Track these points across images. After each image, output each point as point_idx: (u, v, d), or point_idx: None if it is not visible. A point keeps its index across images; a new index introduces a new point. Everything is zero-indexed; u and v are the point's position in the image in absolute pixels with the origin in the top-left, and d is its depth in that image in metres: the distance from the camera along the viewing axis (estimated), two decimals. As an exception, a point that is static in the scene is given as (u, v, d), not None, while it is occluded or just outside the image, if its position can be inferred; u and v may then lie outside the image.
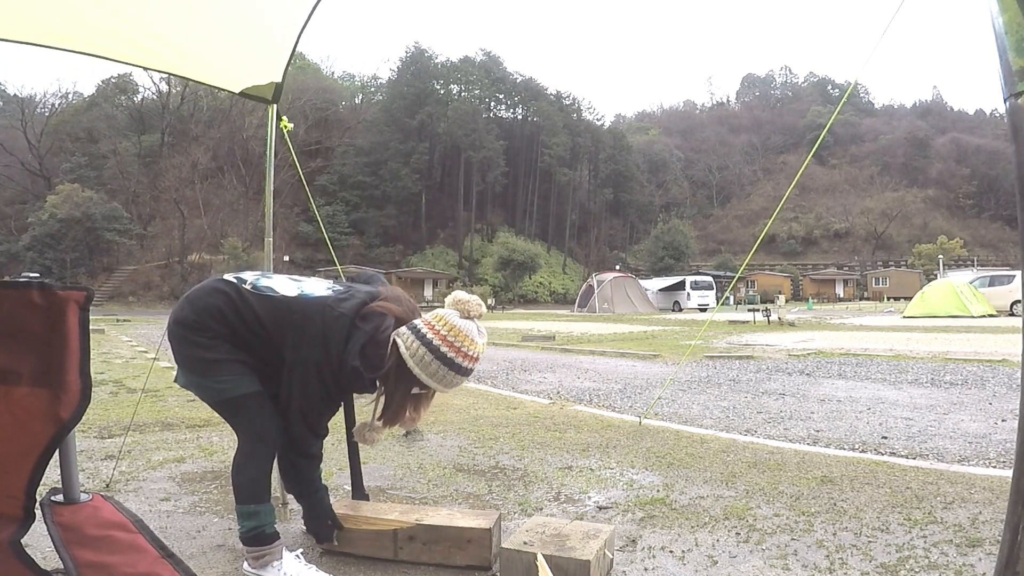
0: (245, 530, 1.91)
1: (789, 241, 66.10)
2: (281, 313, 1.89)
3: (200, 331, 1.86)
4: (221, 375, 1.86)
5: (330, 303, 1.89)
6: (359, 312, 1.89)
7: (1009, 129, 1.15)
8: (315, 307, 1.89)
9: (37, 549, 1.72)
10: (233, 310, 1.89)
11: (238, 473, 1.93)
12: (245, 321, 1.88)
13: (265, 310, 1.89)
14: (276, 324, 1.88)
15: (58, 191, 39.82)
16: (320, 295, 1.93)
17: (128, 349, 11.58)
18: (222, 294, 1.91)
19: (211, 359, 1.85)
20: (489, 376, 7.70)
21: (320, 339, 1.83)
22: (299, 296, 1.93)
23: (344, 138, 57.63)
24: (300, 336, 1.86)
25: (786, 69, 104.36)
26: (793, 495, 2.75)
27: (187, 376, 1.93)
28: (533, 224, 62.83)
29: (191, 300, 1.93)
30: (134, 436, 3.99)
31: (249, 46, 2.56)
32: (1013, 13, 1.12)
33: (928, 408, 4.97)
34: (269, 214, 2.95)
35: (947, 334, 12.42)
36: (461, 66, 63.64)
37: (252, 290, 1.92)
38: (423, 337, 1.85)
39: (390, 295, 2.00)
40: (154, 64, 2.46)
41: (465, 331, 1.86)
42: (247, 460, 1.92)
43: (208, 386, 1.89)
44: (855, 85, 56.50)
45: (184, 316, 1.89)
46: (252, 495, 1.91)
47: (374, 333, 1.85)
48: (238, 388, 1.87)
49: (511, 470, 3.23)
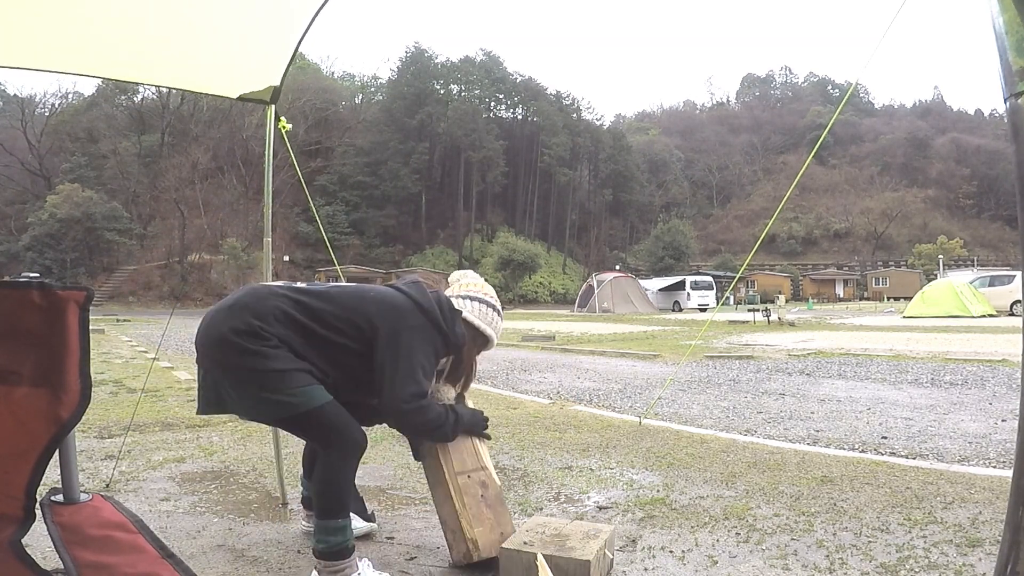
0: (328, 546, 1.79)
1: (789, 241, 66.08)
2: (353, 297, 1.92)
3: (263, 339, 1.74)
4: (294, 386, 1.74)
5: (393, 284, 2.04)
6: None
7: (1009, 129, 1.15)
8: (385, 288, 2.01)
9: (37, 549, 1.72)
10: (298, 308, 1.82)
11: (329, 486, 1.82)
12: (312, 318, 1.82)
13: (333, 300, 1.89)
14: (350, 310, 1.88)
15: (58, 191, 39.80)
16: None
17: (128, 349, 11.58)
18: (279, 296, 1.84)
19: (281, 369, 1.73)
20: (489, 376, 7.70)
21: (420, 305, 1.93)
22: (361, 284, 2.07)
23: (344, 138, 57.61)
24: (392, 308, 1.91)
25: (786, 69, 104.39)
26: (793, 495, 2.75)
27: (245, 392, 1.76)
28: (533, 224, 62.81)
29: (245, 307, 1.79)
30: (134, 436, 3.99)
31: (248, 54, 2.55)
32: (1013, 13, 1.12)
33: (928, 408, 4.97)
34: (268, 214, 2.96)
35: (947, 334, 12.42)
36: (461, 66, 63.61)
37: (310, 286, 1.94)
38: (476, 298, 2.11)
39: (422, 278, 2.14)
40: (151, 79, 2.46)
41: (487, 286, 2.19)
42: (337, 472, 1.83)
43: (279, 400, 1.74)
44: (855, 85, 56.48)
45: (243, 324, 1.74)
46: (341, 509, 1.82)
47: (449, 301, 2.05)
48: (315, 399, 1.77)
49: (511, 470, 3.23)
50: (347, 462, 1.85)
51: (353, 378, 1.93)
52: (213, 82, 2.73)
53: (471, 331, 2.07)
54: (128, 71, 2.33)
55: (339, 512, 1.81)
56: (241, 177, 49.00)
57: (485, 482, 2.08)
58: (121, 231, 41.80)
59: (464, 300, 2.09)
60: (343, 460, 1.84)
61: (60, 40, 2.15)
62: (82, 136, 49.21)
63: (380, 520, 2.43)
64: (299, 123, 46.73)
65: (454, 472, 2.04)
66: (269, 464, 3.24)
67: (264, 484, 3.01)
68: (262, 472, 3.21)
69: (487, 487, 2.08)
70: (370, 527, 2.31)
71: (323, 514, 1.81)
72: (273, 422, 1.92)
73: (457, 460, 2.06)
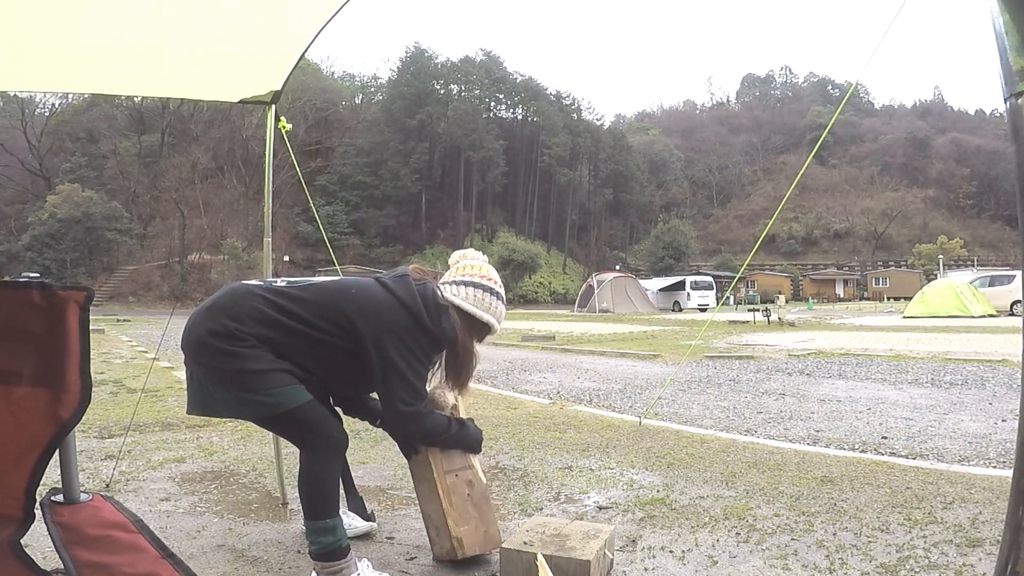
0: (321, 547, 1.79)
1: (789, 241, 66.05)
2: (333, 295, 1.85)
3: (239, 339, 1.73)
4: (271, 387, 1.73)
5: (378, 278, 1.93)
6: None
7: (1009, 129, 1.15)
8: (369, 281, 1.92)
9: (37, 549, 1.72)
10: (275, 308, 1.79)
11: (311, 487, 1.81)
12: (289, 317, 1.79)
13: (312, 298, 1.84)
14: (329, 308, 1.82)
15: (58, 191, 39.79)
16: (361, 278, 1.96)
17: (128, 349, 11.58)
18: (256, 296, 1.80)
19: (257, 370, 1.72)
20: (489, 376, 7.70)
21: (403, 303, 1.84)
22: (344, 278, 1.95)
23: (344, 138, 57.61)
24: (373, 308, 1.82)
25: (786, 69, 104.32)
26: (793, 495, 2.75)
27: (226, 392, 1.76)
28: (533, 224, 62.81)
29: (222, 308, 1.78)
30: (134, 436, 3.99)
31: (250, 61, 2.53)
32: (1013, 13, 1.12)
33: (928, 408, 4.97)
34: (268, 214, 2.96)
35: (947, 334, 12.41)
36: (461, 66, 63.60)
37: (288, 286, 1.88)
38: (468, 283, 1.98)
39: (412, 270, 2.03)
40: (153, 92, 2.46)
41: (486, 267, 2.04)
42: (319, 472, 1.82)
43: (257, 401, 1.74)
44: (855, 85, 56.47)
45: (218, 326, 1.74)
46: (328, 509, 1.80)
47: (435, 295, 1.92)
48: (292, 399, 1.76)
49: (511, 470, 3.23)
50: (328, 462, 1.84)
51: (340, 374, 1.91)
52: (214, 89, 2.72)
53: (467, 320, 1.95)
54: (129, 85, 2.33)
55: (326, 512, 1.80)
56: (241, 177, 48.99)
57: (472, 481, 2.09)
58: (121, 231, 41.79)
59: (458, 287, 1.97)
60: (324, 460, 1.83)
61: (58, 59, 2.15)
62: (82, 136, 49.20)
63: (380, 520, 2.43)
64: (299, 123, 46.69)
65: (443, 471, 2.04)
66: (269, 464, 3.24)
67: (264, 484, 3.00)
68: (262, 472, 3.21)
69: (473, 486, 2.08)
70: (370, 527, 2.31)
71: (311, 515, 1.80)
72: (255, 421, 1.90)
73: (446, 458, 2.06)
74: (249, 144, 47.83)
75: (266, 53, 2.51)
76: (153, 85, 2.50)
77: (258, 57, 2.52)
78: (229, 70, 2.56)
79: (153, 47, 2.25)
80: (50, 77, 2.23)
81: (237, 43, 2.38)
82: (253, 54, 2.49)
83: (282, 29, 2.33)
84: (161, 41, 2.24)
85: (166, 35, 2.21)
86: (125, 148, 48.72)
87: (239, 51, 2.44)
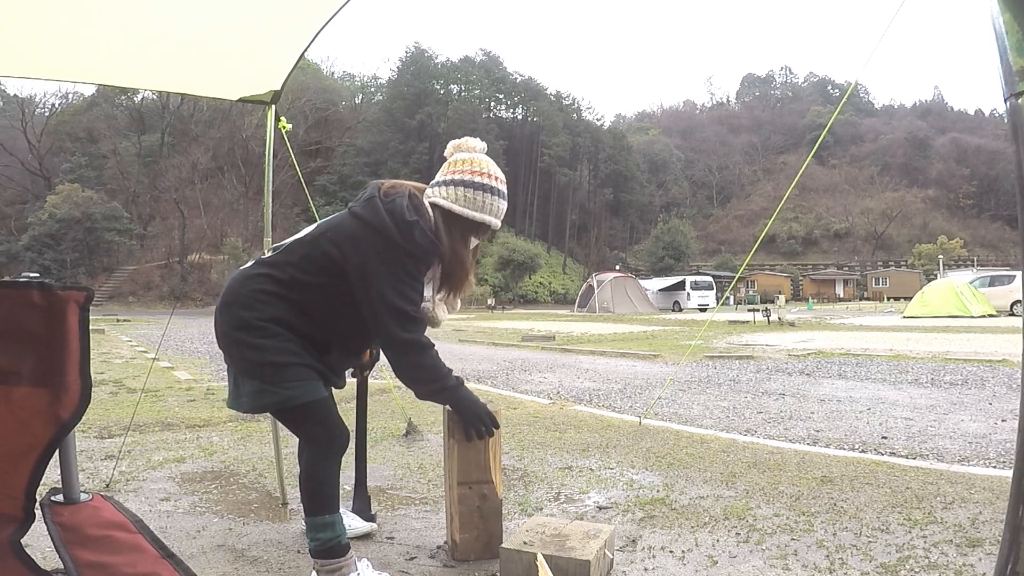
0: (320, 543, 1.80)
1: (789, 241, 66.09)
2: (313, 242, 1.84)
3: (259, 330, 1.78)
4: (290, 380, 1.77)
5: (349, 208, 1.87)
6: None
7: (1009, 129, 1.15)
8: (341, 215, 1.88)
9: (37, 549, 1.72)
10: (273, 281, 1.82)
11: (312, 481, 1.84)
12: (292, 278, 1.81)
13: (299, 251, 1.84)
14: (314, 258, 1.81)
15: (58, 191, 39.82)
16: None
17: (128, 349, 11.59)
18: (252, 277, 1.85)
19: (280, 363, 1.77)
20: (489, 376, 7.70)
21: (372, 226, 1.77)
22: (318, 223, 1.93)
23: (344, 138, 57.66)
24: (346, 239, 1.78)
25: (786, 69, 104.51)
26: (793, 495, 2.75)
27: (251, 384, 1.80)
28: (533, 224, 62.82)
29: (232, 303, 1.83)
30: (134, 436, 3.99)
31: (250, 60, 2.54)
32: (1013, 13, 1.12)
33: (928, 408, 4.97)
34: (268, 214, 2.96)
35: (947, 334, 12.41)
36: (461, 66, 63.67)
37: (274, 251, 1.92)
38: (454, 180, 1.86)
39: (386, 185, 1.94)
40: (152, 85, 2.46)
41: (479, 159, 1.89)
42: (320, 466, 1.84)
43: (276, 391, 1.78)
44: (855, 85, 56.48)
45: (237, 319, 1.80)
46: (328, 505, 1.82)
47: (408, 200, 1.81)
48: (308, 394, 1.80)
49: (511, 470, 3.23)
50: (329, 459, 1.86)
51: (351, 321, 1.87)
52: (214, 86, 2.72)
53: (457, 223, 1.85)
54: (129, 77, 2.33)
55: (325, 508, 1.82)
56: (241, 177, 49.00)
57: (486, 495, 2.08)
58: (121, 231, 41.81)
59: (444, 187, 1.86)
60: (325, 457, 1.86)
61: (59, 47, 2.15)
62: (82, 136, 49.24)
63: (380, 520, 2.43)
64: (299, 123, 46.75)
65: (456, 482, 2.05)
66: (269, 464, 3.24)
67: (264, 484, 3.00)
68: (262, 472, 3.20)
69: (487, 499, 2.08)
70: (370, 527, 2.31)
71: (310, 510, 1.83)
72: (272, 412, 1.93)
73: (462, 470, 2.05)
74: (249, 144, 47.83)
75: (266, 53, 2.51)
76: (153, 79, 2.50)
77: (258, 56, 2.52)
78: (229, 67, 2.57)
79: (153, 40, 2.25)
80: (52, 66, 2.23)
81: (237, 42, 2.38)
82: (253, 53, 2.50)
83: (282, 29, 2.33)
84: (161, 35, 2.24)
85: (167, 29, 2.22)
86: (125, 148, 48.77)
87: (239, 49, 2.44)
